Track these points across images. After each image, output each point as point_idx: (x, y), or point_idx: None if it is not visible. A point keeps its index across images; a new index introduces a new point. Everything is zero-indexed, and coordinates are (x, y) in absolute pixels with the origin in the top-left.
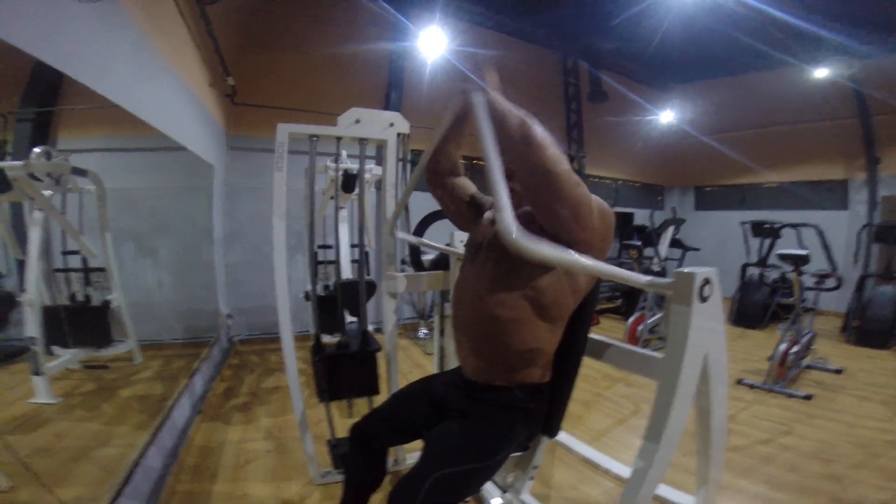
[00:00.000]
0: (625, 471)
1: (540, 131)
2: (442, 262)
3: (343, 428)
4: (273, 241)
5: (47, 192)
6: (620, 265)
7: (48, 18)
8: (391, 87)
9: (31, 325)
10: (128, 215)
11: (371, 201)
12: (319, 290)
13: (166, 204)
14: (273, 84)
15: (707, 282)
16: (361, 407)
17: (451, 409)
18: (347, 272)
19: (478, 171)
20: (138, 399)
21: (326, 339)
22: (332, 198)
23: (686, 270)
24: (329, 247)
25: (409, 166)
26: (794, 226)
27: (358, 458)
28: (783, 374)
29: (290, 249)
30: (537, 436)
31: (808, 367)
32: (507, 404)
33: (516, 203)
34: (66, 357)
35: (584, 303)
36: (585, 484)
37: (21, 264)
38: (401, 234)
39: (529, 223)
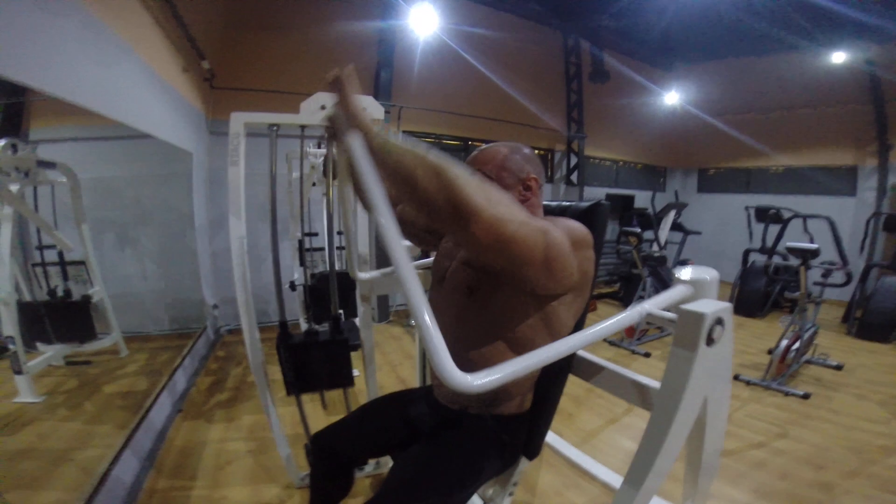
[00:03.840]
0: (613, 478)
1: (459, 174)
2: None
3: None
4: (231, 243)
5: (15, 187)
6: (618, 252)
7: None
8: (381, 67)
9: (7, 325)
10: (107, 205)
11: None
12: (307, 279)
13: (146, 192)
14: (255, 66)
15: (719, 321)
16: (335, 399)
17: (422, 431)
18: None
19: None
20: (121, 396)
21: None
22: (313, 184)
23: (692, 307)
24: (316, 234)
25: None
26: (803, 216)
27: (321, 470)
28: (782, 371)
29: (278, 235)
30: (516, 459)
31: (808, 362)
32: (481, 435)
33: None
34: (49, 354)
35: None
36: (571, 490)
37: None
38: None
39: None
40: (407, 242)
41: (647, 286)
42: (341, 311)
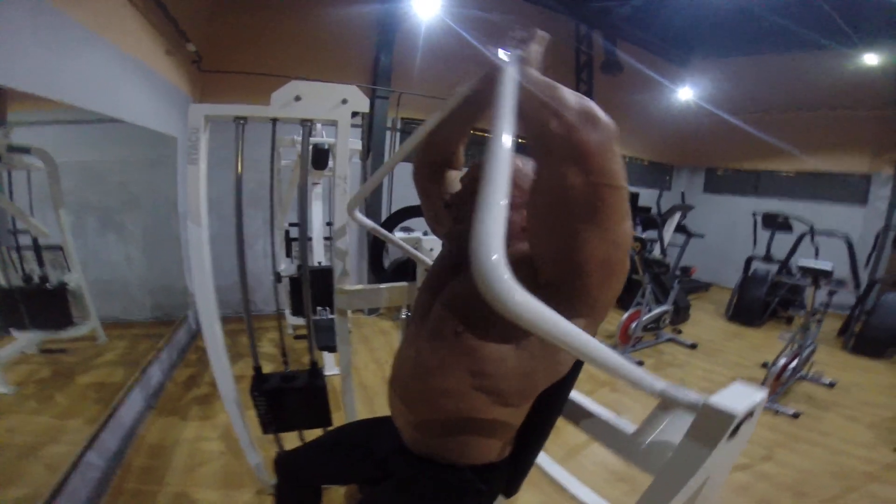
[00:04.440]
0: (595, 501)
1: (600, 136)
2: (403, 267)
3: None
4: (189, 253)
5: None
6: None
7: None
8: (380, 51)
9: None
10: (91, 190)
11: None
12: (293, 270)
13: (131, 177)
14: (247, 48)
15: (750, 416)
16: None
17: (391, 472)
18: (320, 252)
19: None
20: (95, 387)
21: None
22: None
23: (720, 401)
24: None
25: (398, 136)
26: (820, 233)
27: (286, 491)
28: (776, 389)
29: (264, 223)
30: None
31: (802, 377)
32: (454, 486)
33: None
34: (21, 342)
35: (563, 379)
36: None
37: None
38: (361, 218)
39: (518, 265)
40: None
41: (646, 293)
42: (325, 309)
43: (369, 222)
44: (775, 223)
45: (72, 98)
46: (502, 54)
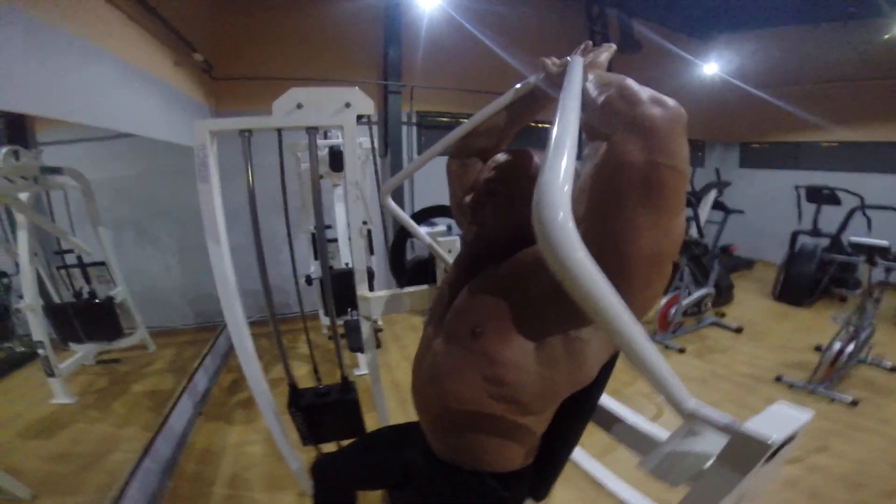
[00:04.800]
0: (635, 497)
1: (667, 114)
2: (421, 268)
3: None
4: (212, 267)
5: (24, 195)
6: None
7: None
8: (388, 45)
9: (36, 330)
10: (122, 204)
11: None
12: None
13: (159, 189)
14: (255, 52)
15: (790, 440)
16: None
17: (417, 478)
18: (347, 254)
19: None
20: (148, 395)
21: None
22: (321, 177)
23: (756, 434)
24: (328, 227)
25: (415, 130)
26: (862, 208)
27: (323, 496)
28: (831, 375)
29: (293, 227)
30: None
31: (860, 361)
32: (475, 492)
33: None
34: (79, 355)
35: (592, 384)
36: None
37: None
38: (394, 206)
39: None
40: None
41: (684, 276)
42: (348, 371)
43: (401, 212)
44: (821, 196)
45: (83, 118)
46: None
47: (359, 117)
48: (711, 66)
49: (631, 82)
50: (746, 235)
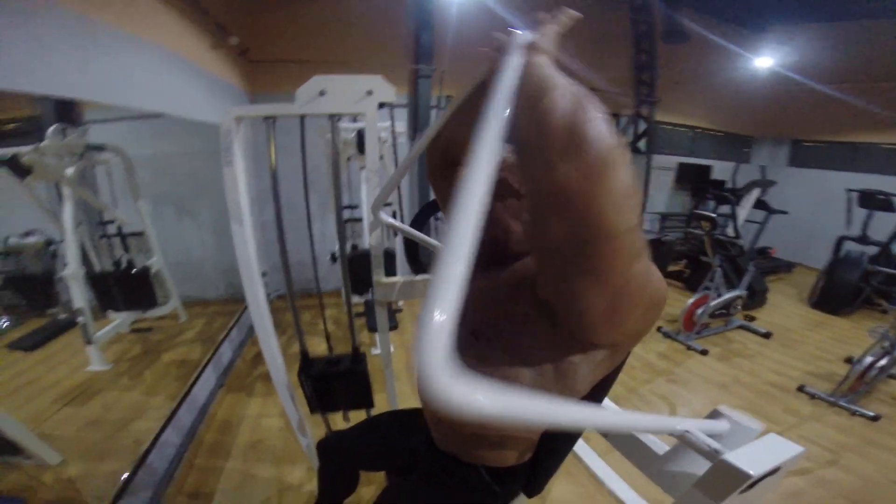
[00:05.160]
0: (633, 499)
1: (585, 168)
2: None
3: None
4: (235, 247)
5: (70, 170)
6: (686, 235)
7: None
8: (421, 30)
9: (77, 297)
10: (161, 180)
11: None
12: (348, 251)
13: (199, 166)
14: (290, 36)
15: (772, 472)
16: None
17: (416, 465)
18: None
19: None
20: (177, 364)
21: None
22: (348, 159)
23: (736, 463)
24: (354, 207)
25: (438, 114)
26: None
27: (327, 472)
28: (857, 388)
29: (321, 207)
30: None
31: (891, 376)
32: (467, 484)
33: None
34: (116, 322)
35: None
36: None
37: None
38: (386, 219)
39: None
40: None
41: (715, 277)
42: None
43: (396, 222)
44: (874, 201)
45: (121, 100)
46: (512, 36)
47: (381, 104)
48: (765, 60)
49: (553, 106)
50: (788, 237)
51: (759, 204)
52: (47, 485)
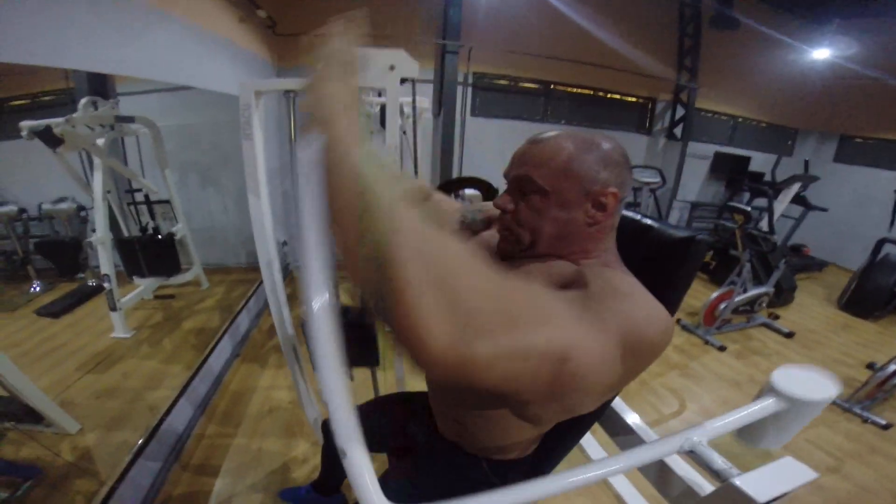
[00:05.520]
0: (634, 495)
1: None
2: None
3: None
4: (252, 219)
5: (101, 140)
6: (716, 227)
7: None
8: (449, 4)
9: (104, 263)
10: (187, 150)
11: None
12: None
13: (224, 137)
14: (318, 8)
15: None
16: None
17: (419, 449)
18: None
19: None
20: (195, 333)
21: None
22: (371, 132)
23: (744, 489)
24: None
25: (470, 91)
26: None
27: (331, 451)
28: (874, 395)
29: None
30: None
31: None
32: (466, 474)
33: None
34: (140, 289)
35: None
36: (583, 497)
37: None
38: None
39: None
40: None
41: (742, 272)
42: None
43: None
44: None
45: (146, 72)
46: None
47: (403, 79)
48: (822, 52)
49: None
50: (823, 235)
51: (798, 199)
52: (64, 453)
